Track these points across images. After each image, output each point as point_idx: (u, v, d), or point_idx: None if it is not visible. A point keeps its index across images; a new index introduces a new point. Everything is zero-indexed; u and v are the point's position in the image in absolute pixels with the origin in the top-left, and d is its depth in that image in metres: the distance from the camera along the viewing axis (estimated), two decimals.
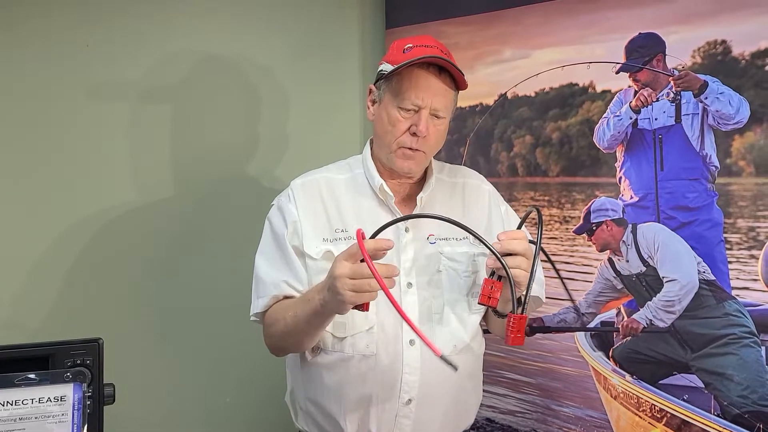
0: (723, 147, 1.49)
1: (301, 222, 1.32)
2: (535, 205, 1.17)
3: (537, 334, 1.80)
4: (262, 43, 2.04)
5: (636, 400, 1.62)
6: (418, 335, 1.06)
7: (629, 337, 1.64)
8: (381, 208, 1.34)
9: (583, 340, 1.73)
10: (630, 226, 1.64)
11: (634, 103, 1.63)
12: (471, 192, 1.42)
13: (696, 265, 1.52)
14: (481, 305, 1.18)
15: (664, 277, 1.58)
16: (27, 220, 1.69)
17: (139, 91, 1.83)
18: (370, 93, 1.36)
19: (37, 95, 1.69)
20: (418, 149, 1.28)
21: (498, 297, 1.16)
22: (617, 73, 1.66)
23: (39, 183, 1.70)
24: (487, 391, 1.80)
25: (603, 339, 1.69)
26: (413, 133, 1.27)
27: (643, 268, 1.62)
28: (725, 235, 1.49)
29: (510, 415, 1.86)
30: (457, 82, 1.30)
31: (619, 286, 1.66)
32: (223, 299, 1.90)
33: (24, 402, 1.01)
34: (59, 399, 1.02)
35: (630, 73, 1.64)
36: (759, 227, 1.45)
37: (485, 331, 1.42)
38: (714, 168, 1.51)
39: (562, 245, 1.75)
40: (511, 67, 1.87)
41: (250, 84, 2.01)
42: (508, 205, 1.47)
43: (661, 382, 1.59)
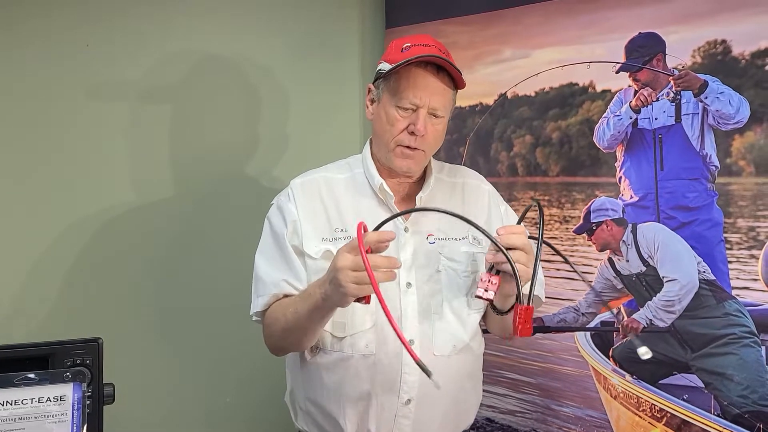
0: (723, 147, 1.49)
1: (300, 221, 1.32)
2: (535, 199, 1.16)
3: (537, 334, 1.80)
4: (262, 43, 2.04)
5: (636, 400, 1.62)
6: (398, 335, 1.02)
7: (629, 337, 1.64)
8: (381, 207, 1.34)
9: (583, 340, 1.73)
10: (630, 225, 1.64)
11: (634, 102, 1.63)
12: (470, 192, 1.42)
13: (696, 265, 1.52)
14: (478, 299, 1.17)
15: (664, 276, 1.58)
16: (27, 220, 1.69)
17: (139, 91, 1.83)
18: (369, 92, 1.36)
19: (37, 95, 1.69)
20: (417, 148, 1.28)
21: (495, 291, 1.15)
22: (617, 72, 1.66)
23: (39, 183, 1.70)
24: (487, 391, 1.80)
25: (603, 338, 1.69)
26: (411, 132, 1.27)
27: (643, 268, 1.61)
28: (725, 234, 1.49)
29: (510, 415, 1.86)
30: (455, 81, 1.30)
31: (619, 286, 1.66)
32: (223, 299, 1.90)
33: (24, 402, 1.01)
34: (59, 399, 1.02)
35: (630, 72, 1.64)
36: (759, 227, 1.45)
37: (484, 330, 1.42)
38: (714, 168, 1.51)
39: (562, 245, 1.75)
40: (510, 67, 1.87)
41: (250, 84, 2.01)
42: (508, 205, 1.47)
43: (661, 382, 1.58)
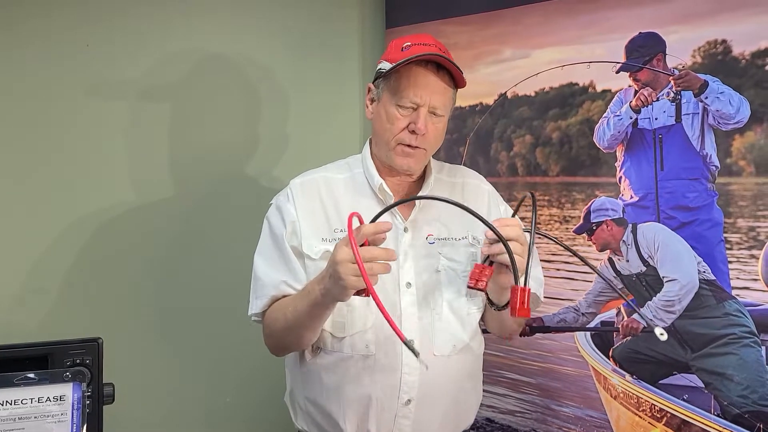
0: (723, 147, 1.49)
1: (299, 222, 1.32)
2: (531, 191, 1.16)
3: (537, 334, 1.80)
4: (262, 43, 2.04)
5: (636, 400, 1.62)
6: (386, 317, 1.01)
7: (629, 337, 1.64)
8: (380, 207, 1.33)
9: (583, 340, 1.73)
10: (630, 225, 1.64)
11: (634, 102, 1.63)
12: (470, 192, 1.42)
13: (696, 265, 1.52)
14: (471, 290, 1.18)
15: (664, 276, 1.58)
16: (27, 220, 1.69)
17: (139, 91, 1.83)
18: (368, 92, 1.36)
19: (37, 95, 1.69)
20: (418, 146, 1.28)
21: (485, 281, 1.16)
22: (617, 72, 1.66)
23: (39, 183, 1.70)
24: (487, 391, 1.80)
25: (603, 338, 1.69)
26: (412, 131, 1.27)
27: (643, 268, 1.61)
28: (725, 234, 1.49)
29: (510, 415, 1.86)
30: (455, 80, 1.30)
31: (620, 286, 1.66)
32: (223, 299, 1.89)
33: (23, 401, 1.01)
34: (58, 398, 1.02)
35: (630, 72, 1.64)
36: (759, 227, 1.45)
37: (484, 330, 1.42)
38: (714, 168, 1.50)
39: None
40: (510, 67, 1.87)
41: (250, 84, 2.01)
42: (508, 205, 1.47)
43: (661, 382, 1.58)
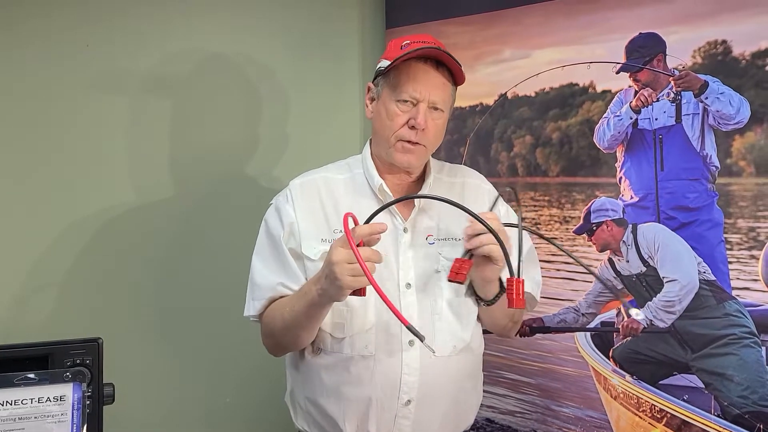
0: (723, 147, 1.49)
1: (298, 223, 1.32)
2: (511, 186, 1.19)
3: (537, 335, 1.80)
4: (262, 43, 2.04)
5: (636, 401, 1.62)
6: (387, 305, 1.04)
7: (629, 338, 1.64)
8: None
9: (583, 341, 1.73)
10: (630, 226, 1.64)
11: (634, 103, 1.63)
12: (470, 191, 1.42)
13: (696, 266, 1.52)
14: (450, 282, 1.21)
15: (664, 277, 1.58)
16: (27, 220, 1.69)
17: (139, 91, 1.83)
18: (368, 91, 1.36)
19: (37, 95, 1.69)
20: (418, 143, 1.28)
21: (465, 273, 1.19)
22: (617, 73, 1.66)
23: (39, 183, 1.70)
24: (487, 391, 1.80)
25: (603, 339, 1.69)
26: (412, 127, 1.27)
27: (644, 269, 1.61)
28: (725, 235, 1.49)
29: (510, 416, 1.86)
30: (455, 77, 1.30)
31: (620, 287, 1.66)
32: (223, 299, 1.89)
33: (23, 402, 1.01)
34: (59, 399, 1.02)
35: (630, 73, 1.63)
36: (759, 227, 1.45)
37: (484, 331, 1.42)
38: (714, 168, 1.50)
39: (562, 245, 1.75)
40: (511, 67, 1.87)
41: (250, 84, 2.01)
42: (509, 206, 1.47)
43: (661, 383, 1.58)
